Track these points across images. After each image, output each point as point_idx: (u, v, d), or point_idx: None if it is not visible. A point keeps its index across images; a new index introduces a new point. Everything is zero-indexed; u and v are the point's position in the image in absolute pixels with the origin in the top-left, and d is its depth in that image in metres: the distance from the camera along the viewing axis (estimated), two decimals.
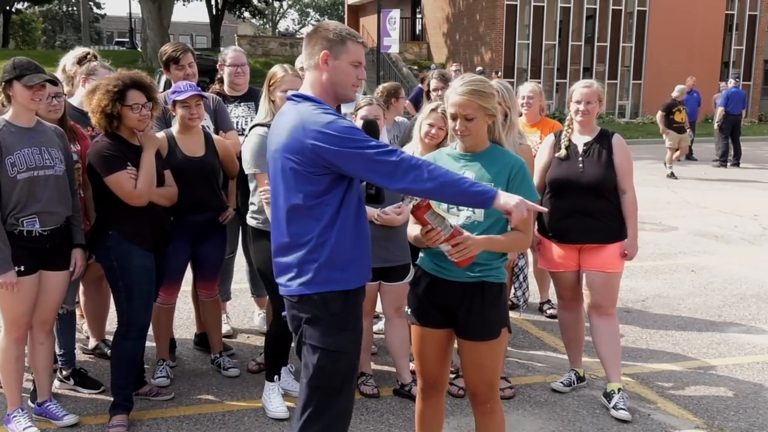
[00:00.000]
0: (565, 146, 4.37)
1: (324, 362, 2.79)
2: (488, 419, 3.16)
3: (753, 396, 4.54)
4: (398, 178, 2.63)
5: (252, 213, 4.15)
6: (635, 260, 7.88)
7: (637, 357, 5.17)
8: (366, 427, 4.02)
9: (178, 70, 4.85)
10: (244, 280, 5.74)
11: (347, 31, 2.82)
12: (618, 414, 4.18)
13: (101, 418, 4.03)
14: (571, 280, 4.46)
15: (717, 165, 16.67)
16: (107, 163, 3.84)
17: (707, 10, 28.52)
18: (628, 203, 4.35)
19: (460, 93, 2.97)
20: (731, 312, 6.23)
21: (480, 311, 3.01)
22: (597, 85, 4.40)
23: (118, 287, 3.94)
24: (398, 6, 30.76)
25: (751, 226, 9.97)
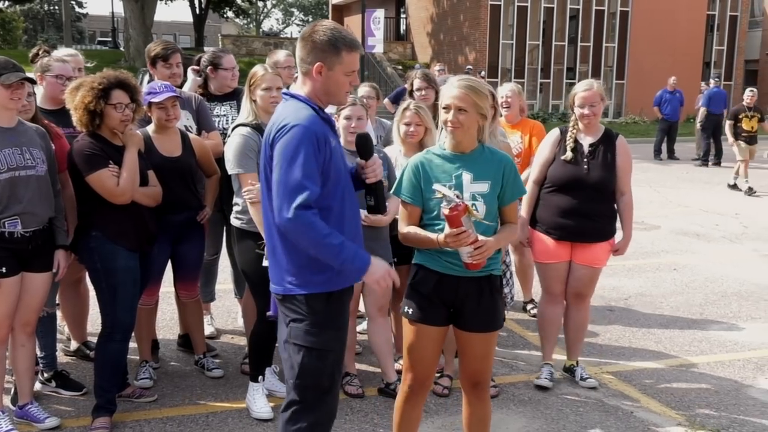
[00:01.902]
0: (571, 148, 4.40)
1: (307, 360, 2.83)
2: (485, 406, 3.30)
3: (734, 393, 4.58)
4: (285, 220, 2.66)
5: (236, 213, 4.13)
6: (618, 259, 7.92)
7: (620, 355, 5.21)
8: (351, 427, 4.02)
9: (165, 69, 4.82)
10: (227, 280, 5.72)
11: (343, 39, 2.79)
12: (587, 384, 4.56)
13: (83, 420, 3.99)
14: (562, 272, 4.53)
15: (699, 164, 16.81)
16: (89, 161, 3.81)
17: (689, 10, 28.75)
18: (627, 205, 4.49)
19: (457, 86, 3.07)
20: (713, 310, 6.29)
21: (489, 302, 3.14)
22: (597, 86, 4.44)
23: (102, 288, 3.91)
24: (382, 6, 30.73)
25: (732, 224, 10.06)
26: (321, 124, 2.78)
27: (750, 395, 4.56)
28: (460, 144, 3.13)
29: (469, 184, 3.09)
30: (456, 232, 2.89)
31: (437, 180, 3.10)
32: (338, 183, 2.82)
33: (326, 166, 2.76)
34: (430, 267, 3.14)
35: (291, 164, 2.67)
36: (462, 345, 3.24)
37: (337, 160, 2.83)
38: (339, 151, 2.89)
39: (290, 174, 2.67)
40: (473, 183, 3.09)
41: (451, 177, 3.10)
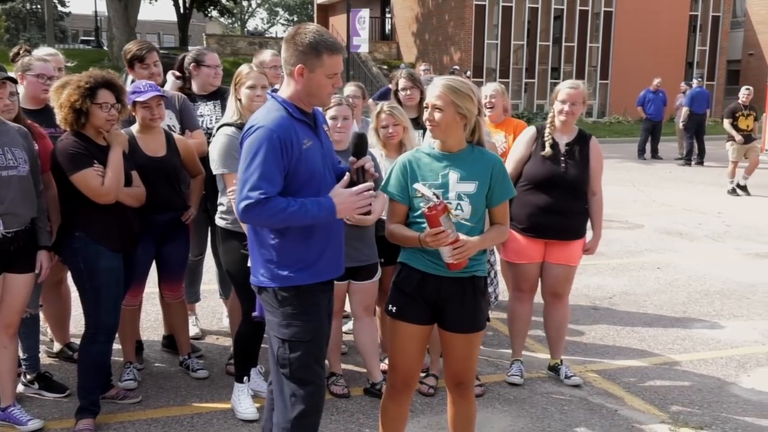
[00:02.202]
0: (550, 144, 4.44)
1: (281, 351, 2.95)
2: (470, 405, 3.31)
3: (717, 390, 4.62)
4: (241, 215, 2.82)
5: (221, 213, 4.12)
6: (603, 258, 8.00)
7: (605, 354, 5.23)
8: (336, 427, 4.01)
9: (142, 69, 4.79)
10: (212, 281, 5.70)
11: (324, 42, 2.83)
12: (571, 381, 4.59)
13: (67, 422, 3.96)
14: (533, 272, 4.60)
15: (682, 164, 16.95)
16: (73, 160, 3.78)
17: (672, 11, 28.95)
18: (598, 204, 4.58)
19: (438, 86, 3.10)
20: (695, 308, 6.33)
21: (472, 303, 3.15)
22: (583, 87, 4.52)
23: (85, 289, 3.88)
24: (368, 5, 30.73)
25: (715, 223, 10.14)
26: (290, 126, 2.84)
27: (732, 393, 4.59)
28: (445, 143, 3.14)
29: (456, 184, 3.10)
30: (434, 231, 2.91)
31: (424, 179, 3.11)
32: (310, 180, 2.90)
33: (295, 166, 2.84)
34: (414, 266, 3.15)
35: (250, 164, 2.79)
36: (445, 345, 3.25)
37: (311, 159, 2.89)
38: (317, 150, 2.94)
39: (248, 173, 2.79)
40: (460, 183, 3.10)
41: (438, 176, 3.11)
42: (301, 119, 2.90)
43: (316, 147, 2.94)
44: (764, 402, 4.46)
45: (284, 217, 2.78)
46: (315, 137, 2.96)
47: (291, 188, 2.85)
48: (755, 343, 5.50)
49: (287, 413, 2.95)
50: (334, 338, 4.33)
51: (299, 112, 2.91)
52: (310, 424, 2.99)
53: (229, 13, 50.82)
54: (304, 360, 2.93)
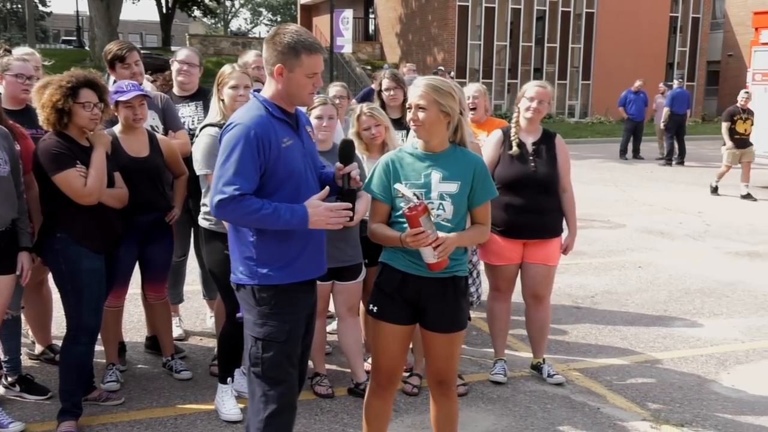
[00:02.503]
0: (517, 144, 4.47)
1: (254, 350, 2.97)
2: (452, 405, 3.32)
3: (697, 388, 4.66)
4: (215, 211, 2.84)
5: (204, 214, 4.10)
6: (585, 257, 8.04)
7: (587, 352, 5.26)
8: (320, 427, 4.01)
9: (124, 69, 4.76)
10: (196, 282, 5.67)
11: (303, 42, 2.85)
12: (554, 380, 4.62)
13: (49, 424, 3.93)
14: (512, 273, 4.64)
15: (663, 164, 17.08)
16: (56, 160, 3.75)
17: (652, 12, 29.17)
18: (570, 201, 4.62)
19: (419, 86, 3.11)
20: (676, 307, 6.38)
21: (453, 303, 3.16)
22: (550, 87, 4.61)
23: (66, 291, 3.85)
24: (351, 6, 30.67)
25: (695, 222, 10.23)
26: (268, 124, 2.86)
27: (712, 390, 4.64)
28: (428, 143, 3.15)
29: (438, 184, 3.10)
30: (414, 232, 2.91)
31: (407, 178, 3.11)
32: (289, 179, 2.91)
33: (273, 164, 2.86)
34: (395, 266, 3.15)
35: (227, 160, 2.81)
36: (427, 344, 3.25)
37: (290, 158, 2.91)
38: (297, 150, 2.95)
39: (223, 169, 2.81)
40: (442, 183, 3.11)
41: (420, 176, 3.12)
42: (281, 118, 2.92)
43: (296, 146, 2.95)
44: (744, 399, 4.50)
45: (257, 218, 2.80)
46: (296, 137, 2.97)
47: (268, 186, 2.86)
48: (735, 341, 5.56)
49: (259, 413, 2.96)
50: (318, 338, 4.34)
51: (280, 111, 2.92)
52: (283, 423, 3.00)
53: (212, 13, 50.61)
54: (277, 359, 2.94)
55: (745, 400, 4.50)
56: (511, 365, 4.84)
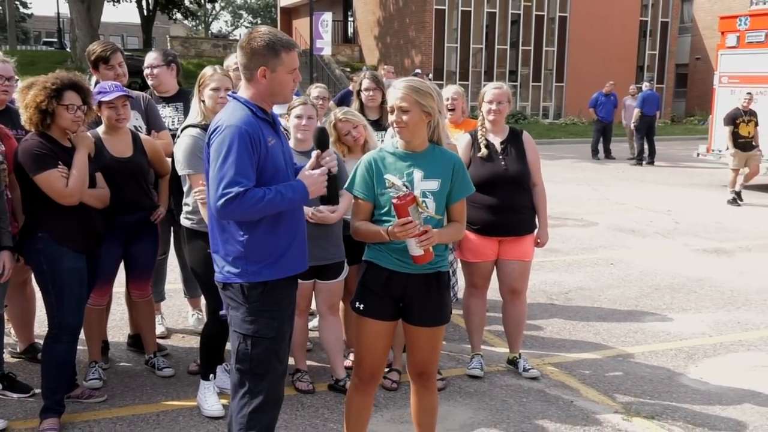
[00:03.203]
0: (485, 146, 4.51)
1: (242, 347, 2.95)
2: (432, 396, 3.34)
3: (667, 381, 4.71)
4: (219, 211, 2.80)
5: (186, 214, 4.07)
6: (559, 255, 8.10)
7: (561, 347, 5.30)
8: (301, 423, 4.00)
9: (107, 70, 4.71)
10: (177, 280, 5.63)
11: (279, 41, 2.87)
12: (530, 374, 4.65)
13: (31, 422, 3.88)
14: (488, 270, 4.67)
15: (633, 163, 17.24)
16: (37, 160, 3.69)
17: (623, 16, 29.44)
18: (540, 195, 4.67)
19: (399, 88, 3.11)
20: (647, 302, 6.44)
21: (437, 298, 3.17)
22: (506, 87, 4.66)
23: (48, 290, 3.80)
24: (330, 9, 30.66)
25: (665, 220, 10.33)
26: (255, 124, 2.87)
27: (681, 383, 4.68)
28: (410, 143, 3.16)
29: (420, 182, 3.11)
30: (403, 221, 2.91)
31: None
32: (275, 176, 2.92)
33: (262, 164, 2.87)
34: (380, 264, 3.16)
35: (224, 161, 2.79)
36: (410, 338, 3.26)
37: (276, 157, 2.93)
38: (279, 149, 2.98)
39: (222, 171, 2.79)
40: (424, 180, 3.12)
41: (402, 174, 3.12)
42: (264, 118, 2.94)
43: (278, 145, 2.98)
44: (712, 391, 4.55)
45: (263, 206, 2.80)
46: (277, 136, 3.00)
47: (258, 184, 2.86)
48: (703, 335, 5.62)
49: (244, 408, 2.95)
50: (299, 336, 4.33)
51: (261, 111, 2.93)
52: (267, 417, 3.00)
53: (193, 15, 50.26)
54: (265, 356, 2.94)
55: (713, 392, 4.55)
56: (487, 360, 4.85)
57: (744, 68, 13.35)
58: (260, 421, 2.97)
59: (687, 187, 13.72)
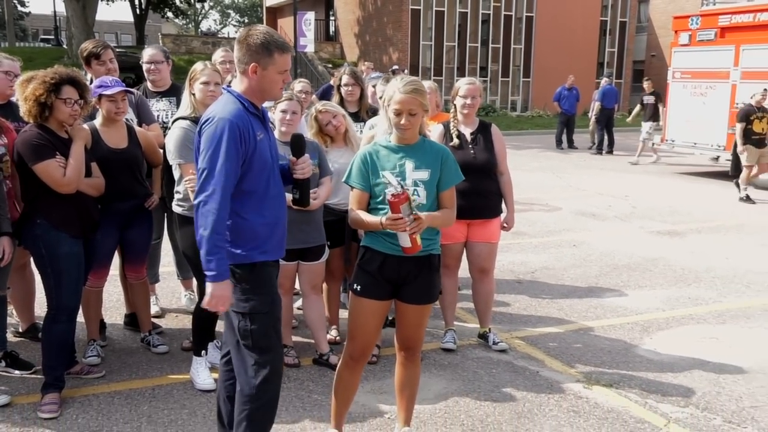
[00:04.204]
0: (457, 136, 4.53)
1: (242, 324, 2.91)
2: (416, 368, 3.36)
3: (624, 352, 4.77)
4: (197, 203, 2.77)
5: (177, 201, 4.04)
6: (526, 237, 8.14)
7: (527, 322, 5.34)
8: (288, 394, 4.00)
9: (99, 66, 4.66)
10: (171, 263, 5.59)
11: (275, 42, 2.83)
12: (498, 347, 4.69)
13: (33, 397, 3.85)
14: (458, 251, 4.70)
15: (594, 153, 17.35)
16: (36, 151, 3.64)
17: (585, 17, 29.51)
18: (507, 183, 4.70)
19: (406, 92, 3.03)
20: (606, 280, 6.51)
21: (428, 279, 3.18)
22: (478, 83, 4.67)
23: (47, 273, 3.76)
24: (313, 8, 30.40)
25: (623, 205, 10.42)
26: (246, 117, 2.82)
27: (637, 354, 4.75)
28: (406, 139, 3.14)
29: (411, 172, 3.10)
30: (394, 217, 2.92)
31: (383, 168, 3.10)
32: (263, 170, 2.89)
33: (251, 156, 2.82)
34: (377, 248, 3.14)
35: (214, 153, 2.74)
36: (401, 315, 3.25)
37: (263, 150, 2.89)
38: (266, 142, 2.93)
39: (211, 162, 2.74)
40: (415, 171, 3.11)
41: (395, 165, 3.11)
42: (254, 113, 2.90)
43: (266, 139, 2.94)
44: (664, 361, 4.62)
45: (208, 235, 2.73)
46: (265, 131, 2.96)
47: (247, 176, 2.82)
48: (656, 309, 5.69)
49: (251, 380, 2.90)
50: (285, 314, 4.30)
51: (252, 106, 2.89)
52: (273, 387, 2.97)
53: (183, 14, 49.54)
54: (263, 329, 2.91)
55: (665, 361, 4.61)
56: (460, 335, 4.88)
57: (695, 64, 13.45)
58: (268, 391, 2.94)
59: (643, 175, 13.84)
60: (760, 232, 8.66)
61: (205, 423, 3.65)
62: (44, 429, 3.56)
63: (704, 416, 3.84)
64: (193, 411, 3.78)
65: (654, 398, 4.05)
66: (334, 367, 4.24)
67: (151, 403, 3.87)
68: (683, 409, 3.92)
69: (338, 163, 4.44)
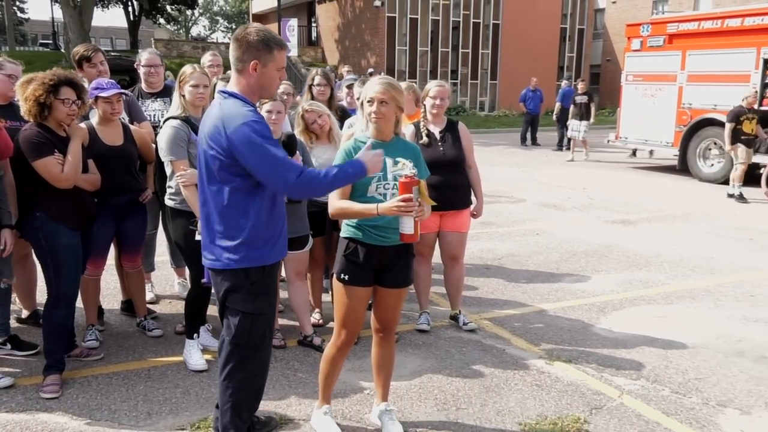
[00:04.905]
0: (426, 134, 4.53)
1: (245, 323, 2.77)
2: (392, 348, 3.35)
3: (582, 331, 4.82)
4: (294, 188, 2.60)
5: (170, 195, 3.99)
6: (493, 227, 8.17)
7: (495, 304, 5.37)
8: (275, 373, 3.98)
9: (90, 68, 4.61)
10: (165, 253, 5.53)
11: (274, 39, 2.70)
12: (468, 327, 4.69)
13: (35, 379, 3.79)
14: (432, 240, 4.70)
15: (555, 149, 17.46)
16: (36, 148, 3.59)
17: (546, 24, 29.64)
18: (475, 176, 4.71)
19: (379, 83, 3.06)
20: (566, 265, 6.56)
21: (406, 264, 3.18)
22: (447, 85, 4.69)
23: (46, 263, 3.70)
24: (296, 15, 30.18)
25: (581, 197, 10.51)
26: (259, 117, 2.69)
27: (593, 332, 4.80)
28: (381, 133, 3.11)
29: (391, 167, 3.06)
30: (406, 197, 2.84)
31: None
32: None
33: None
34: (360, 239, 3.09)
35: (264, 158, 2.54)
36: (380, 299, 3.23)
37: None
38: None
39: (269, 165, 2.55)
40: (393, 167, 3.07)
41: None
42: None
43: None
44: (618, 338, 4.68)
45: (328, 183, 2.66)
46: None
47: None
48: (611, 292, 5.76)
49: (237, 374, 2.82)
50: None
51: (251, 105, 2.73)
52: (259, 381, 2.93)
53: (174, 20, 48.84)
54: (262, 329, 2.81)
55: (619, 339, 4.67)
56: (433, 317, 4.90)
57: (646, 68, 13.58)
58: (255, 384, 2.89)
59: (599, 169, 13.96)
60: (704, 220, 8.80)
61: (197, 401, 3.62)
62: (46, 408, 3.52)
63: (654, 388, 3.91)
64: (186, 390, 3.76)
65: (609, 372, 4.10)
66: (318, 347, 4.26)
67: (146, 383, 3.84)
68: (635, 382, 3.98)
69: (322, 159, 4.42)
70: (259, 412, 3.24)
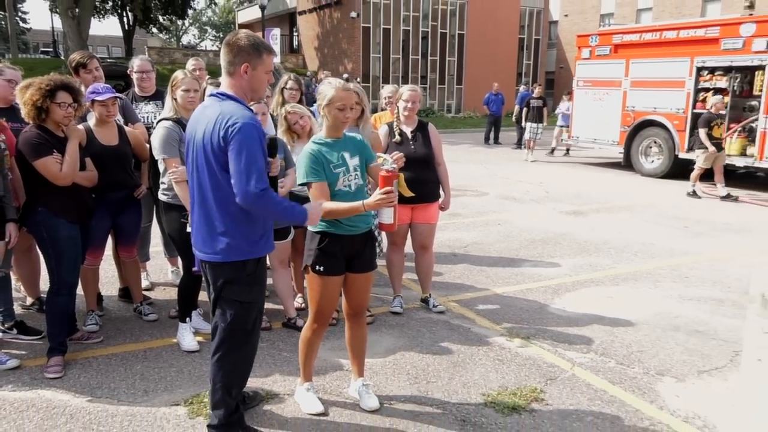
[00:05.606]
0: (399, 134, 4.52)
1: (240, 312, 2.74)
2: (364, 329, 3.33)
3: (539, 310, 4.87)
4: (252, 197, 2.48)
5: (163, 190, 3.93)
6: (459, 218, 8.19)
7: (461, 288, 5.40)
8: (261, 353, 3.94)
9: (86, 74, 4.51)
10: (159, 244, 5.45)
11: (263, 43, 2.65)
12: (437, 309, 4.71)
13: (40, 360, 3.73)
14: (404, 231, 4.70)
15: (515, 148, 17.57)
16: (35, 149, 3.51)
17: (506, 34, 29.77)
18: (444, 172, 4.70)
19: (352, 90, 3.03)
20: (525, 252, 6.62)
21: (370, 250, 3.17)
22: (419, 90, 4.68)
23: (48, 254, 3.63)
24: (279, 25, 29.88)
25: (538, 191, 10.60)
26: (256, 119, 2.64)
27: (549, 312, 4.85)
28: (337, 132, 3.07)
29: (349, 160, 3.04)
30: (387, 190, 2.81)
31: (331, 161, 2.99)
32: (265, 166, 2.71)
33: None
34: (333, 232, 3.05)
35: (248, 158, 2.48)
36: (351, 284, 3.19)
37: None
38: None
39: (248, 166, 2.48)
40: (351, 159, 3.05)
41: (338, 157, 3.01)
42: None
43: None
44: (570, 317, 4.74)
45: (278, 210, 2.56)
46: None
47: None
48: (565, 275, 5.82)
49: (230, 357, 2.78)
50: None
51: (249, 108, 2.69)
52: (248, 361, 2.90)
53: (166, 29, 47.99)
54: (254, 316, 2.79)
55: (572, 317, 4.73)
56: (405, 300, 4.91)
57: (595, 75, 13.72)
58: (242, 366, 2.86)
59: (554, 165, 14.09)
60: (646, 211, 8.94)
61: (190, 379, 3.59)
62: (50, 387, 3.46)
63: (601, 360, 3.97)
64: (180, 369, 3.72)
65: (562, 347, 4.15)
66: (300, 328, 4.23)
67: (143, 363, 3.79)
68: (585, 355, 4.04)
69: None
70: (247, 388, 3.23)
